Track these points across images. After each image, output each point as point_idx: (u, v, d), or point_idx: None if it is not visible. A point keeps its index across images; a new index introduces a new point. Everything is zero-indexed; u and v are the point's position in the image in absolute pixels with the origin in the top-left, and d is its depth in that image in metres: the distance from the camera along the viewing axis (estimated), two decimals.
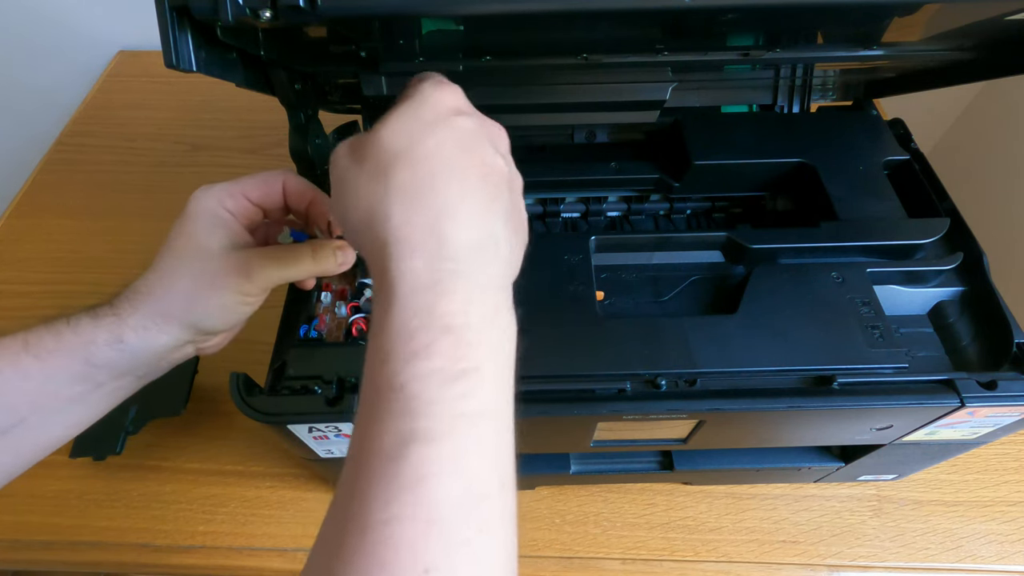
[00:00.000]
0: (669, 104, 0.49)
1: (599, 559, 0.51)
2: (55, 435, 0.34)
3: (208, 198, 0.34)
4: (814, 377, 0.37)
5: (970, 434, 0.41)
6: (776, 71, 0.51)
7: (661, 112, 0.50)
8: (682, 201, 0.50)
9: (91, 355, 0.32)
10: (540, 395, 0.36)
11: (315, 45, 0.39)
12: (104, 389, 0.34)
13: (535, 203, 0.50)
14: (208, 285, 0.33)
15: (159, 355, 0.34)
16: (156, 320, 0.33)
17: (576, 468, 0.50)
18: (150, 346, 0.33)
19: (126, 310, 0.33)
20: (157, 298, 0.33)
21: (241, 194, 0.35)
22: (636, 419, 0.37)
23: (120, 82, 0.91)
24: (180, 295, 0.33)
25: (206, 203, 0.34)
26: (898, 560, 0.51)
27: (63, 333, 0.32)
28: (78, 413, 0.34)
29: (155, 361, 0.35)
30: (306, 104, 0.44)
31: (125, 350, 0.33)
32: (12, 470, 0.34)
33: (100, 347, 0.32)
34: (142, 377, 0.35)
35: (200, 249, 0.33)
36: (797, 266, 0.42)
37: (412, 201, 0.24)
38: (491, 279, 0.25)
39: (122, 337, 0.33)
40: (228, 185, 0.35)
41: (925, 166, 0.47)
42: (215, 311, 0.34)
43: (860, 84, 0.53)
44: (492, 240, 0.25)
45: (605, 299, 0.43)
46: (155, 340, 0.33)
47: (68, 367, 0.32)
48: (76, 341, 0.32)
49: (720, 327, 0.39)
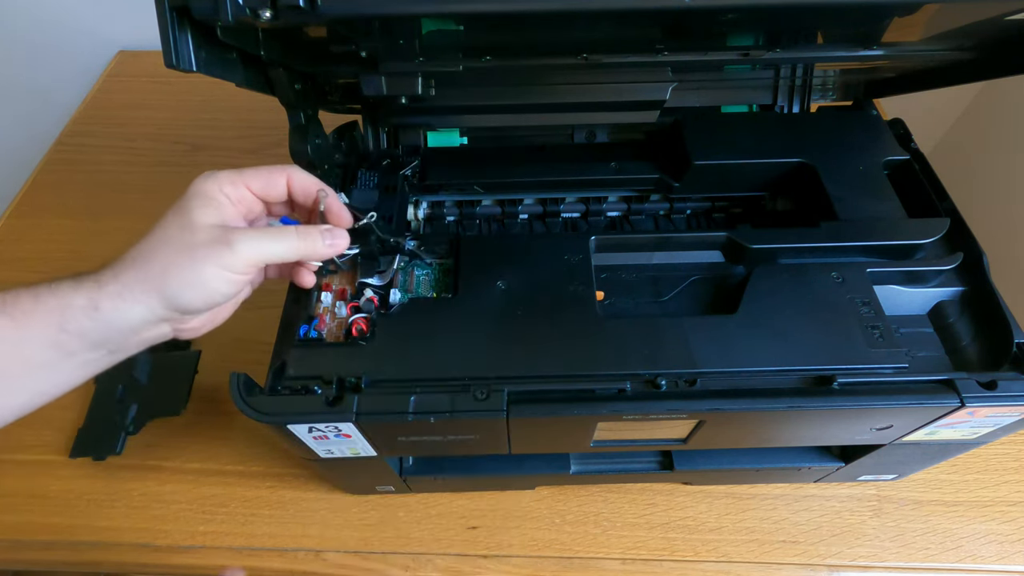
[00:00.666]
0: (669, 104, 0.49)
1: (599, 559, 0.51)
2: (20, 402, 0.34)
3: (208, 181, 0.34)
4: (814, 377, 0.37)
5: (970, 434, 0.41)
6: (776, 71, 0.51)
7: (661, 112, 0.50)
8: (682, 201, 0.50)
9: (66, 320, 0.32)
10: (540, 395, 0.36)
11: (315, 45, 0.39)
12: (75, 360, 0.33)
13: (535, 203, 0.50)
14: (189, 255, 0.33)
15: (132, 328, 0.33)
16: (133, 288, 0.33)
17: (576, 468, 0.50)
18: (124, 316, 0.33)
19: (107, 277, 0.33)
20: (137, 266, 0.33)
21: (242, 183, 0.35)
22: (636, 419, 0.37)
23: (120, 82, 0.91)
24: (159, 264, 0.33)
25: (205, 185, 0.34)
26: (898, 560, 0.51)
27: (42, 295, 0.32)
28: (46, 381, 0.34)
29: (128, 335, 0.34)
30: (306, 104, 0.44)
31: (100, 318, 0.32)
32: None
33: (75, 312, 0.32)
34: (113, 352, 0.35)
35: (188, 222, 0.33)
36: (797, 266, 0.42)
37: None
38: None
39: (98, 304, 0.32)
40: (231, 172, 0.35)
41: (925, 166, 0.47)
42: (194, 283, 0.33)
43: (860, 84, 0.53)
44: None
45: (605, 299, 0.43)
46: (130, 310, 0.33)
47: (42, 331, 0.32)
48: (54, 304, 0.32)
49: (720, 327, 0.39)
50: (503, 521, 0.53)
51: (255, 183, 0.36)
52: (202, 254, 0.33)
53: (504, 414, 0.35)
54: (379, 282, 0.42)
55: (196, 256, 0.33)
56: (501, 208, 0.49)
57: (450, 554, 0.51)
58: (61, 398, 0.60)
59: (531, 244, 0.44)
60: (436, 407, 0.35)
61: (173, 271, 0.33)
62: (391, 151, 0.51)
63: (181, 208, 0.34)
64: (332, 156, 0.47)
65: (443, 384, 0.37)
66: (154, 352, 0.57)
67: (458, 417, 0.35)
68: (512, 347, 0.38)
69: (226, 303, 0.37)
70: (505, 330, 0.39)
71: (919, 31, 0.41)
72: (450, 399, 0.36)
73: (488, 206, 0.50)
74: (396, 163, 0.48)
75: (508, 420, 0.36)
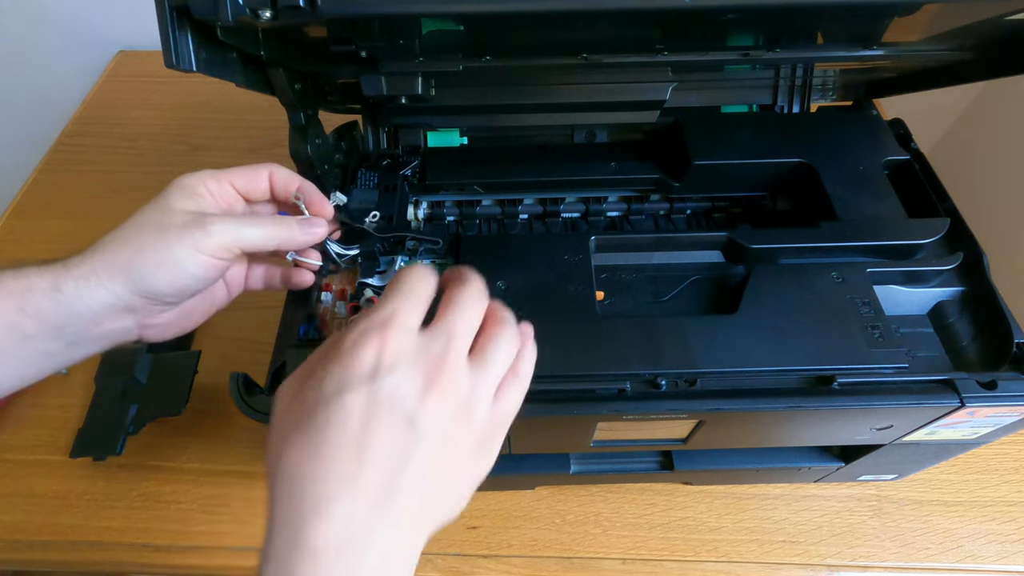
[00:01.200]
0: (669, 104, 0.49)
1: (599, 559, 0.51)
2: None
3: (191, 176, 0.35)
4: (814, 377, 0.37)
5: (970, 434, 0.41)
6: (776, 71, 0.51)
7: (661, 112, 0.50)
8: (682, 201, 0.50)
9: (26, 302, 0.31)
10: (540, 395, 0.36)
11: (315, 45, 0.39)
12: (30, 345, 0.32)
13: (535, 203, 0.50)
14: (162, 236, 0.32)
15: (94, 313, 0.32)
16: (98, 271, 0.32)
17: (576, 468, 0.50)
18: (86, 301, 0.31)
19: (74, 261, 0.32)
20: (108, 249, 0.32)
21: (226, 179, 0.36)
22: (636, 419, 0.37)
23: (120, 82, 0.91)
24: (131, 247, 0.32)
25: (187, 179, 0.35)
26: (898, 560, 0.51)
27: (4, 277, 0.31)
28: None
29: (89, 323, 0.32)
30: (306, 104, 0.44)
31: (61, 301, 0.31)
32: None
33: (36, 295, 0.31)
34: (72, 344, 0.33)
35: (166, 207, 0.33)
36: (797, 266, 0.42)
37: (290, 490, 0.25)
38: (371, 559, 0.25)
39: (60, 286, 0.31)
40: (214, 171, 0.35)
41: (925, 166, 0.47)
42: (165, 262, 0.32)
43: (860, 84, 0.53)
44: (373, 528, 0.25)
45: (605, 299, 0.43)
46: (92, 293, 0.31)
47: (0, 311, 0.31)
48: (15, 286, 0.31)
49: (720, 327, 0.39)
50: (503, 521, 0.53)
51: (238, 180, 0.36)
52: (176, 235, 0.32)
53: None
54: (379, 282, 0.42)
55: (169, 237, 0.32)
56: (501, 208, 0.49)
57: (450, 554, 0.51)
58: (61, 398, 0.61)
59: (531, 244, 0.44)
60: None
61: (145, 252, 0.32)
62: (391, 151, 0.51)
63: (159, 197, 0.34)
64: (332, 156, 0.47)
65: None
66: (154, 352, 0.57)
67: None
68: None
69: (197, 302, 0.36)
70: None
71: (919, 31, 0.41)
72: None
73: (488, 206, 0.50)
74: (396, 163, 0.48)
75: None
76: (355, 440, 0.25)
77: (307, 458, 0.25)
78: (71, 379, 0.60)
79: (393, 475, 0.25)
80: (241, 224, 0.33)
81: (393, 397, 0.26)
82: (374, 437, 0.25)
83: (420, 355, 0.27)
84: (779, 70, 0.51)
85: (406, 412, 0.26)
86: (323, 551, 0.24)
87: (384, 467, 0.25)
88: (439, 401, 0.27)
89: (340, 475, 0.25)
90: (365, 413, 0.25)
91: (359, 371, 0.26)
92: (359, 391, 0.26)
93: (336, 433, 0.25)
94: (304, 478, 0.25)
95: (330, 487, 0.25)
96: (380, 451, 0.25)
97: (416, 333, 0.28)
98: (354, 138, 0.49)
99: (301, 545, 0.24)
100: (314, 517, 0.24)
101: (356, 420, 0.25)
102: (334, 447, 0.25)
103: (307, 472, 0.25)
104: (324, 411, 0.25)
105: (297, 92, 0.42)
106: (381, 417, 0.25)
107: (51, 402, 0.59)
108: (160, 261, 0.32)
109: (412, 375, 0.26)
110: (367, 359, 0.26)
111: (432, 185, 0.48)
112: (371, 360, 0.26)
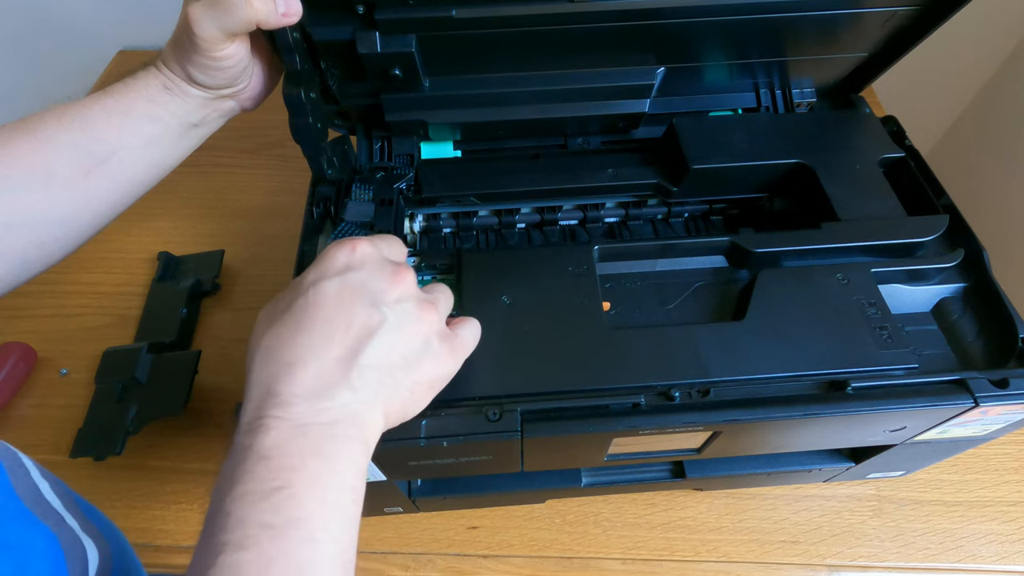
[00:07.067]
0: (653, 111, 0.49)
1: (599, 559, 0.51)
2: (141, 172, 0.41)
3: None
4: (828, 382, 0.36)
5: (981, 431, 0.41)
6: (752, 74, 0.50)
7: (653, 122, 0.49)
8: (679, 205, 0.50)
9: (151, 96, 0.39)
10: (554, 413, 0.35)
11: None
12: (172, 133, 0.41)
13: (532, 212, 0.49)
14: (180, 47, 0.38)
15: (202, 101, 0.41)
16: (175, 68, 0.39)
17: (587, 481, 0.50)
18: (188, 92, 0.40)
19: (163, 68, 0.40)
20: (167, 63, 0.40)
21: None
22: (651, 433, 0.37)
23: None
24: (170, 60, 0.39)
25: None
26: (898, 560, 0.51)
27: (134, 75, 0.40)
28: (156, 153, 0.41)
29: (202, 107, 0.41)
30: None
31: (175, 91, 0.40)
32: (116, 200, 0.41)
33: (156, 89, 0.39)
34: (198, 125, 0.42)
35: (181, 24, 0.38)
36: (802, 269, 0.41)
37: (266, 359, 0.29)
38: (330, 417, 0.28)
39: (166, 85, 0.39)
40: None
41: (920, 162, 0.47)
42: (200, 67, 0.38)
43: (839, 79, 0.52)
44: (335, 388, 0.29)
45: (611, 309, 0.42)
46: (186, 86, 0.40)
47: (138, 105, 0.39)
48: (136, 84, 0.39)
49: (730, 334, 0.38)
50: (503, 521, 0.53)
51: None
52: (189, 43, 0.37)
53: (518, 435, 0.35)
54: None
55: (184, 47, 0.38)
56: (498, 218, 0.49)
57: (450, 554, 0.51)
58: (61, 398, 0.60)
59: (534, 256, 0.43)
60: (448, 430, 0.34)
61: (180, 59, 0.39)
62: (384, 164, 0.50)
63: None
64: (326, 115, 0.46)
65: (454, 405, 0.35)
66: (154, 352, 0.57)
67: (472, 440, 0.34)
68: (522, 363, 0.37)
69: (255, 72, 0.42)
70: (513, 346, 0.38)
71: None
72: (462, 421, 0.35)
73: (485, 216, 0.49)
74: (390, 176, 0.47)
75: (523, 440, 0.35)
76: (326, 319, 0.29)
77: (284, 333, 0.29)
78: (71, 379, 0.60)
79: (356, 347, 0.29)
80: (216, 10, 0.35)
81: (363, 284, 0.31)
82: (343, 315, 0.30)
83: (384, 262, 0.32)
84: (754, 72, 0.50)
85: (373, 298, 0.30)
86: (291, 403, 0.28)
87: (351, 340, 0.29)
88: (401, 293, 0.31)
89: (310, 345, 0.29)
90: (337, 297, 0.30)
91: (333, 267, 0.31)
92: (333, 280, 0.30)
93: (310, 315, 0.30)
94: (280, 348, 0.29)
95: (301, 352, 0.29)
96: (347, 326, 0.29)
97: (381, 252, 0.33)
98: (346, 152, 0.48)
99: (272, 397, 0.28)
100: (285, 375, 0.28)
101: (330, 301, 0.30)
102: (309, 324, 0.29)
103: (283, 344, 0.29)
104: (302, 299, 0.30)
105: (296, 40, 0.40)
106: (351, 299, 0.30)
107: (52, 402, 0.58)
108: (197, 67, 0.38)
109: (378, 274, 0.31)
110: (340, 259, 0.31)
111: (428, 198, 0.47)
112: (343, 260, 0.31)
